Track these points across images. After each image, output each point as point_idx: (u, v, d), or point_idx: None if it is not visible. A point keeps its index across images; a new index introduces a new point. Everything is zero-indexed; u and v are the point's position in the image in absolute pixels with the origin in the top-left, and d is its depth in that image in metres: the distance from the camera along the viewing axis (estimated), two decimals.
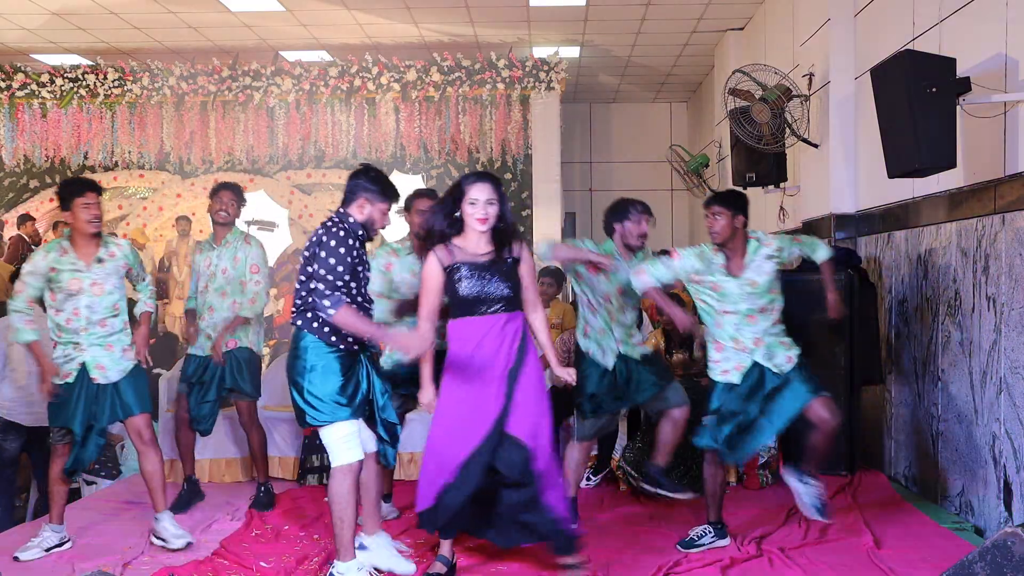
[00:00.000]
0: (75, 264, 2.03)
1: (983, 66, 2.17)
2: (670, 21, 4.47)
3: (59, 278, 2.01)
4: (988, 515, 2.18)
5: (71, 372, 2.04)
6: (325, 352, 1.74)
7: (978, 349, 2.24)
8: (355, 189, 1.77)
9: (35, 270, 2.01)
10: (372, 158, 5.32)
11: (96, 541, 2.20)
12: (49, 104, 5.20)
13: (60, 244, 2.04)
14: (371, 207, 1.76)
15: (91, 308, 2.04)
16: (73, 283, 2.01)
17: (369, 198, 1.76)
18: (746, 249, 2.03)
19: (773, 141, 3.22)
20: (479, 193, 1.73)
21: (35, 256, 2.03)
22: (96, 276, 2.04)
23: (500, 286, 1.74)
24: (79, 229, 2.03)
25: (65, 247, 2.04)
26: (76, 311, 2.03)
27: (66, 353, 2.04)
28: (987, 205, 2.18)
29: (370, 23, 4.58)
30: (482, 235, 1.76)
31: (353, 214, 1.77)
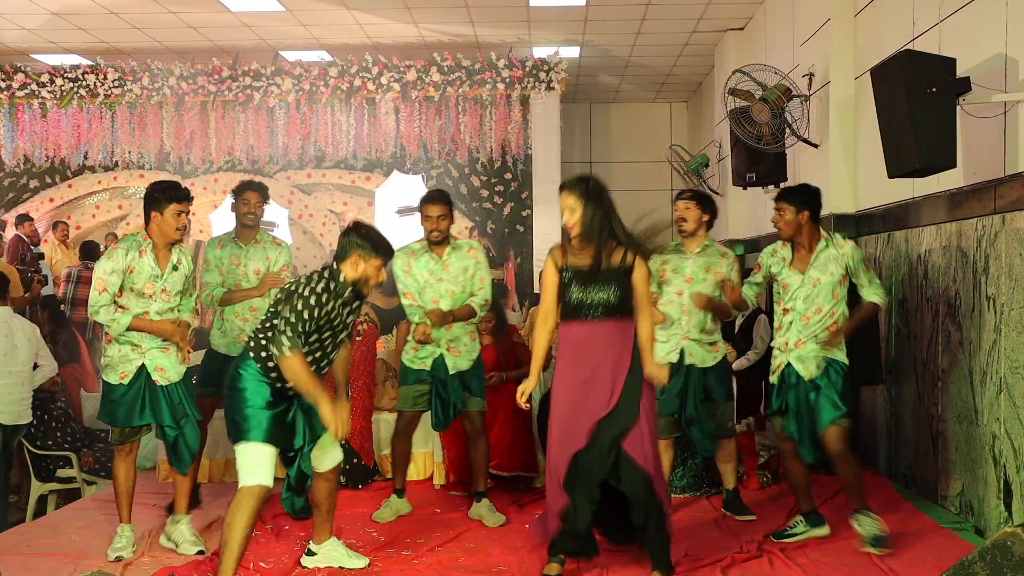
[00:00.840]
0: (153, 269, 2.03)
1: (983, 66, 2.17)
2: (670, 21, 4.47)
3: (134, 279, 2.01)
4: (988, 515, 2.18)
5: (128, 373, 2.03)
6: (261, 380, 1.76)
7: (978, 349, 2.24)
8: (347, 247, 1.78)
9: (116, 268, 1.99)
10: (372, 158, 5.34)
11: (97, 540, 2.19)
12: (49, 104, 5.20)
13: (139, 244, 2.03)
14: (364, 264, 1.78)
15: (158, 313, 2.04)
16: (148, 287, 2.02)
17: (362, 255, 1.78)
18: (815, 247, 2.06)
19: (773, 141, 3.22)
20: (561, 201, 1.81)
21: (115, 254, 2.00)
22: (168, 283, 2.06)
23: (602, 293, 1.77)
24: (166, 234, 2.03)
25: (144, 249, 2.03)
26: (145, 313, 2.03)
27: (123, 353, 2.03)
28: (987, 205, 2.19)
29: (370, 23, 4.58)
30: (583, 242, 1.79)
31: (346, 272, 1.78)
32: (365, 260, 1.78)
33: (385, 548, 2.13)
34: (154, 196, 2.05)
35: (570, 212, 1.79)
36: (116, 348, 2.04)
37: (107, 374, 2.05)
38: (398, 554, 2.09)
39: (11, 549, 2.14)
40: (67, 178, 5.58)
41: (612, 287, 1.78)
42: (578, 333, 1.79)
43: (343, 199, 5.63)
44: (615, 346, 1.77)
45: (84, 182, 5.59)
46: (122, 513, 2.08)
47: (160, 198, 2.04)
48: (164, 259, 2.06)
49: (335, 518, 2.09)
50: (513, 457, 2.63)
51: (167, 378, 2.08)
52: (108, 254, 2.04)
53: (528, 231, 5.33)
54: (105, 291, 2.00)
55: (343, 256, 1.79)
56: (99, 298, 2.00)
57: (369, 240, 1.79)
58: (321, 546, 1.95)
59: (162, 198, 2.03)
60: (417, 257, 2.30)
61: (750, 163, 3.48)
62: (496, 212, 5.44)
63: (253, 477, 1.74)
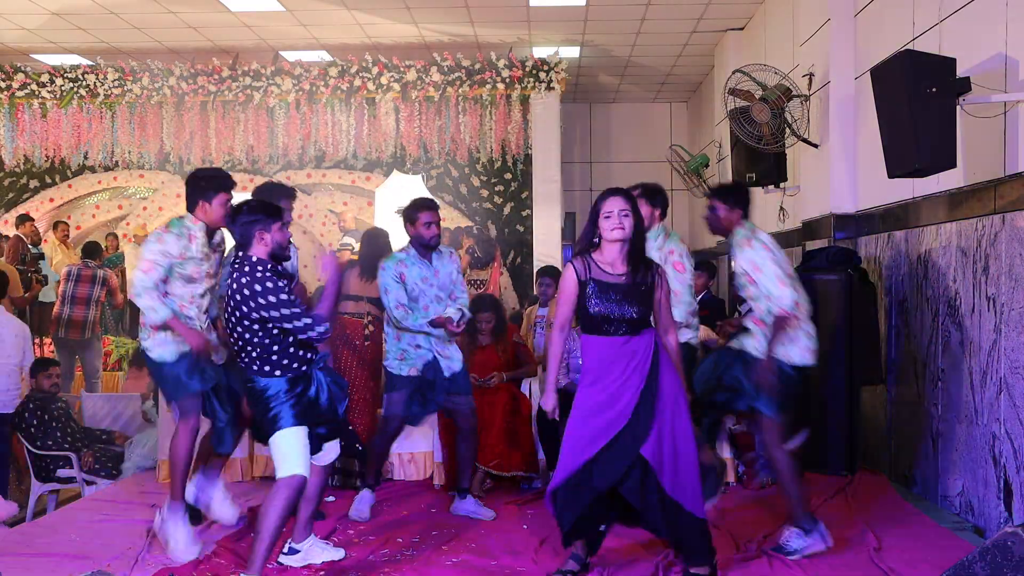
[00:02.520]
0: (202, 254, 2.03)
1: (983, 66, 2.17)
2: (670, 21, 4.47)
3: (184, 265, 2.00)
4: (988, 515, 2.18)
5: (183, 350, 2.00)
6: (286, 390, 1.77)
7: (978, 349, 2.23)
8: (246, 230, 1.77)
9: (168, 251, 1.97)
10: (372, 158, 5.33)
11: (96, 541, 2.19)
12: (49, 104, 5.20)
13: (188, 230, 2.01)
14: (268, 234, 1.78)
15: (201, 296, 2.04)
16: (195, 271, 2.01)
17: (262, 228, 1.77)
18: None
19: (773, 141, 3.22)
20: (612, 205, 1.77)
21: (167, 238, 1.98)
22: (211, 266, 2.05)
23: (627, 308, 1.75)
24: (213, 222, 2.03)
25: (194, 233, 2.01)
26: (192, 297, 2.02)
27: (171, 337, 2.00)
28: (987, 205, 2.18)
29: (370, 23, 4.58)
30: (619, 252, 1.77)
31: (257, 252, 1.78)
32: (267, 230, 1.77)
33: (383, 548, 2.13)
34: (200, 185, 2.03)
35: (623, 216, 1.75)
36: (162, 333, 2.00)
37: (159, 354, 2.00)
38: (398, 554, 2.08)
39: (11, 549, 2.14)
40: (67, 178, 5.58)
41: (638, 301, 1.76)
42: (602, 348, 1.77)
43: (343, 199, 5.63)
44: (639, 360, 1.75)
45: (84, 182, 5.59)
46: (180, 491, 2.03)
47: (207, 187, 2.01)
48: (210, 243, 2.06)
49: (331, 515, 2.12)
50: (513, 457, 2.63)
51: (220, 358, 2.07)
52: (158, 237, 2.00)
53: (528, 231, 5.31)
54: (152, 271, 1.95)
55: (247, 242, 1.77)
56: (144, 278, 1.95)
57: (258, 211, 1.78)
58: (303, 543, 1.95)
59: (209, 187, 2.01)
60: (408, 267, 2.30)
61: (750, 163, 3.48)
62: (496, 212, 5.43)
63: (290, 467, 1.74)
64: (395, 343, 2.33)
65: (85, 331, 4.12)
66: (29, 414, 2.93)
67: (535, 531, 2.24)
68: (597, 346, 1.78)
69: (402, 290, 2.28)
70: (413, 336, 2.30)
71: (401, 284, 2.28)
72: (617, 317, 1.75)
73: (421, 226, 2.28)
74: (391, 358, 2.34)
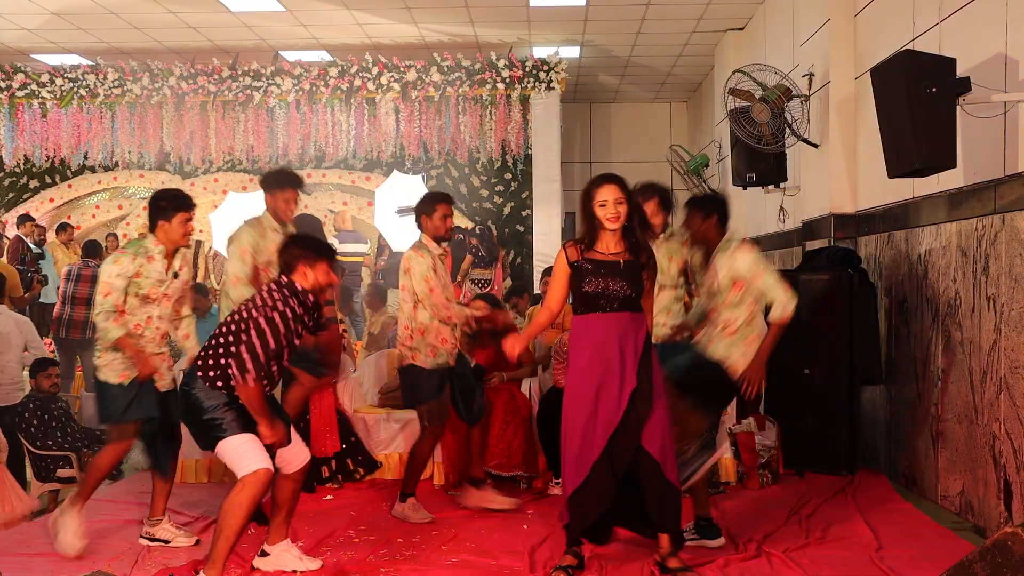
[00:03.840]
0: (160, 275, 2.05)
1: (983, 66, 2.17)
2: (670, 21, 4.47)
3: (140, 284, 2.02)
4: (988, 515, 2.18)
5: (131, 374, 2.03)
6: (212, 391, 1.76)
7: (978, 349, 2.23)
8: (291, 260, 1.81)
9: (123, 272, 2.00)
10: (372, 158, 5.33)
11: (96, 541, 2.18)
12: (49, 104, 5.20)
13: (147, 250, 2.04)
14: (312, 271, 1.80)
15: (159, 318, 2.07)
16: (153, 291, 2.04)
17: (308, 263, 1.80)
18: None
19: (773, 141, 3.21)
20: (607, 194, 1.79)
21: (123, 259, 2.02)
22: (170, 289, 2.08)
23: (623, 286, 1.78)
24: (174, 242, 2.06)
25: (153, 254, 2.04)
26: (148, 318, 2.05)
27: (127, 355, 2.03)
28: (987, 205, 2.18)
29: (370, 23, 4.58)
30: (613, 235, 1.81)
31: (298, 283, 1.81)
32: (311, 267, 1.80)
33: (382, 548, 2.13)
34: (160, 205, 2.07)
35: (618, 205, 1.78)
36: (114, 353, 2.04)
37: (106, 375, 2.05)
38: (397, 554, 2.08)
39: (11, 549, 2.14)
40: (67, 178, 5.57)
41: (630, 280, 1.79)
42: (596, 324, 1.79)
43: (343, 199, 5.63)
44: (631, 336, 1.78)
45: (84, 182, 5.59)
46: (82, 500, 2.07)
47: (167, 207, 2.06)
48: (169, 265, 2.09)
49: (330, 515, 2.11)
50: (513, 457, 2.63)
51: (164, 385, 2.10)
52: (115, 259, 2.04)
53: (528, 231, 5.31)
54: (110, 295, 2.00)
55: (289, 270, 1.81)
56: (103, 301, 2.00)
57: (310, 247, 1.81)
58: (275, 547, 1.95)
59: (169, 207, 2.05)
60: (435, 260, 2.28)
61: (750, 163, 3.47)
62: (496, 212, 5.43)
63: (252, 463, 1.74)
64: (421, 339, 2.28)
65: (85, 331, 4.11)
66: (29, 414, 2.93)
67: (535, 531, 2.24)
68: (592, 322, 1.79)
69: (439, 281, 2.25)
70: (438, 331, 2.27)
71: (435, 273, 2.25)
72: (612, 293, 1.78)
73: (439, 218, 2.26)
74: (422, 355, 2.27)
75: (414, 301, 2.27)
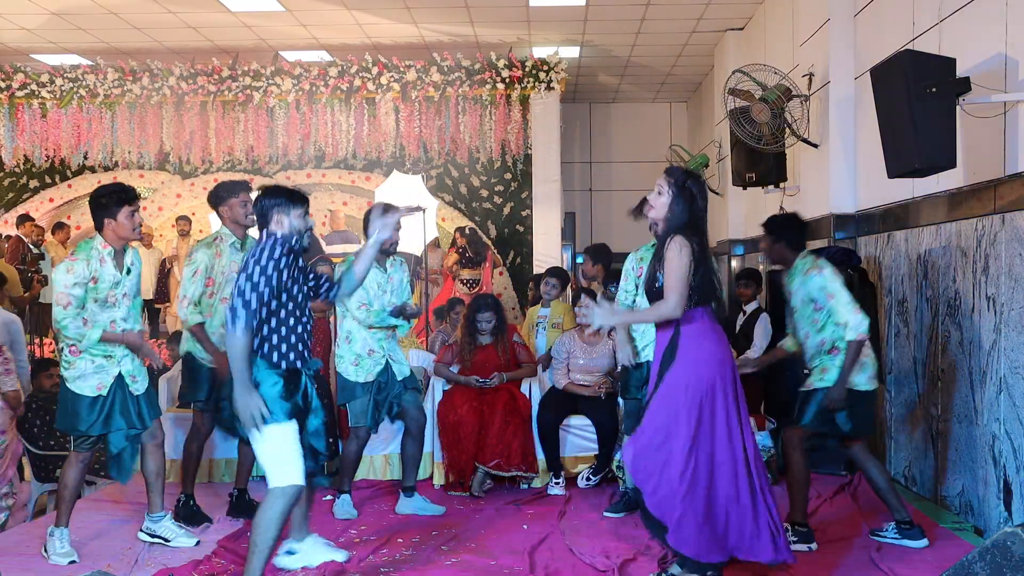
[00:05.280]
0: (115, 276, 1.99)
1: (983, 66, 2.17)
2: (670, 21, 4.47)
3: (98, 290, 1.96)
4: (988, 515, 2.18)
5: (105, 384, 1.99)
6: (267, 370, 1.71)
7: (978, 349, 2.23)
8: (265, 211, 1.76)
9: (79, 280, 1.92)
10: (372, 158, 5.32)
11: (96, 541, 2.19)
12: (49, 104, 5.19)
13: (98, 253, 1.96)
14: (287, 218, 1.76)
15: (124, 319, 2.02)
16: (111, 295, 1.98)
17: (282, 211, 1.76)
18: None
19: (773, 141, 3.21)
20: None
21: (75, 266, 1.93)
22: (127, 287, 2.02)
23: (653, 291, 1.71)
24: (123, 238, 1.99)
25: (104, 256, 1.97)
26: (112, 323, 2.00)
27: (98, 364, 1.99)
28: (987, 205, 2.18)
29: (370, 23, 4.58)
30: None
31: (275, 232, 1.76)
32: (286, 215, 1.74)
33: (383, 548, 2.12)
34: (102, 202, 1.98)
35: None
36: (88, 360, 1.99)
37: (78, 386, 1.99)
38: (397, 554, 2.08)
39: (11, 549, 2.14)
40: (67, 178, 5.57)
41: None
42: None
43: (343, 199, 5.63)
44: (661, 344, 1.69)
45: (84, 182, 5.58)
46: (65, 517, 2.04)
47: (110, 203, 1.97)
48: (122, 264, 2.01)
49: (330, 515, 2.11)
50: (512, 457, 2.63)
51: (138, 388, 2.07)
52: (67, 267, 1.94)
53: (528, 231, 5.30)
54: (70, 305, 1.93)
55: (265, 221, 1.76)
56: (65, 313, 1.93)
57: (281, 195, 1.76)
58: (303, 543, 1.92)
59: (111, 203, 1.97)
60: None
61: (750, 163, 3.47)
62: (496, 212, 5.43)
63: (287, 477, 1.69)
64: (347, 348, 2.31)
65: None
66: (32, 414, 2.92)
67: (535, 531, 2.24)
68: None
69: (363, 291, 2.27)
70: (366, 340, 2.30)
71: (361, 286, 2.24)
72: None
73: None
74: (345, 363, 2.32)
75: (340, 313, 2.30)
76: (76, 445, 2.04)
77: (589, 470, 2.73)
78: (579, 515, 2.38)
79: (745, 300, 3.21)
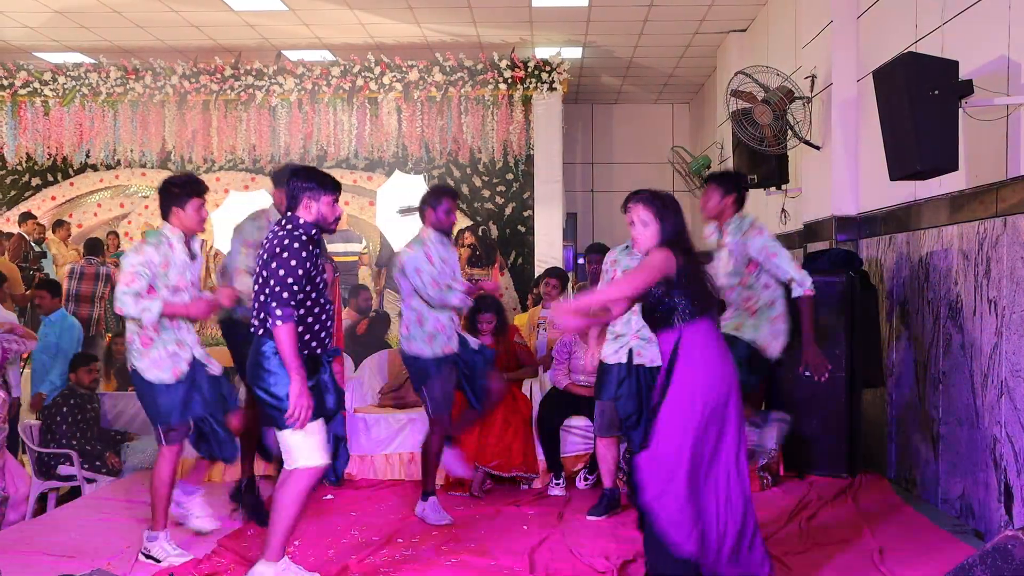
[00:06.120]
0: (184, 262, 2.01)
1: (986, 68, 2.17)
2: (673, 22, 4.46)
3: (169, 275, 1.97)
4: (988, 518, 2.17)
5: (182, 370, 1.98)
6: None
7: (979, 352, 2.23)
8: (295, 192, 1.75)
9: (147, 261, 1.94)
10: (374, 158, 5.32)
11: (96, 540, 2.19)
12: (51, 102, 5.19)
13: (168, 239, 1.99)
14: (316, 204, 1.75)
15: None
16: (180, 280, 1.99)
17: (312, 196, 1.75)
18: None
19: (775, 143, 3.21)
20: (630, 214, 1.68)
21: (145, 249, 1.97)
22: (193, 275, 2.04)
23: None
24: (189, 228, 2.02)
25: (173, 242, 2.00)
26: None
27: (172, 351, 1.98)
28: (989, 208, 2.18)
29: (373, 23, 4.58)
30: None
31: (302, 216, 1.75)
32: (315, 200, 1.74)
33: (382, 548, 2.12)
34: (173, 192, 2.01)
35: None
36: (161, 348, 1.97)
37: (155, 375, 1.97)
38: (397, 554, 2.08)
39: (11, 547, 2.13)
40: (69, 176, 5.56)
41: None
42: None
43: (344, 198, 5.57)
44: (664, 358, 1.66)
45: (86, 180, 5.58)
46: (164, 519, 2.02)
47: (180, 193, 2.00)
48: (189, 251, 2.04)
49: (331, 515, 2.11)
50: (513, 457, 2.63)
51: (217, 368, 2.06)
52: (137, 248, 1.99)
53: (529, 231, 5.30)
54: (132, 283, 1.93)
55: (294, 203, 1.74)
56: (126, 289, 1.93)
57: (314, 179, 1.75)
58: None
59: (182, 193, 2.00)
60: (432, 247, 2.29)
61: (752, 165, 3.46)
62: (497, 212, 5.43)
63: (311, 458, 1.70)
64: (418, 328, 2.26)
65: (90, 329, 4.11)
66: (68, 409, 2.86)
67: (535, 532, 2.24)
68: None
69: (433, 268, 2.26)
70: (437, 317, 2.26)
71: (431, 264, 2.25)
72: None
73: (442, 212, 2.29)
74: (418, 343, 2.24)
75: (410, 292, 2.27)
76: (166, 439, 2.00)
77: (585, 470, 2.73)
78: (579, 516, 2.38)
79: None
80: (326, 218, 1.76)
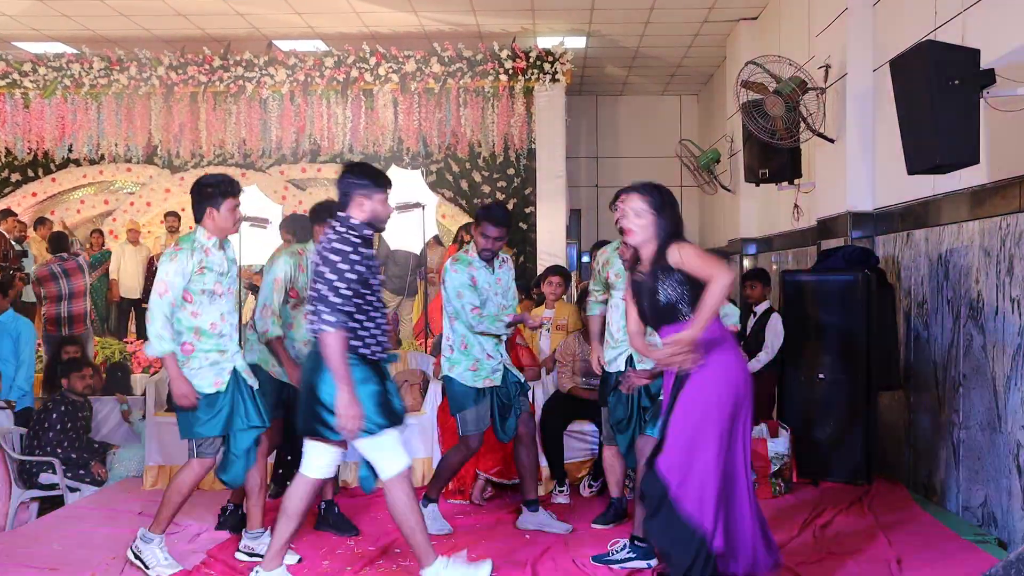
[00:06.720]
0: (221, 265, 1.92)
1: (1008, 57, 2.08)
2: (680, 10, 4.35)
3: (205, 280, 1.88)
4: (1012, 527, 2.11)
5: (224, 380, 1.90)
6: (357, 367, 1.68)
7: (1001, 353, 2.16)
8: (348, 189, 1.72)
9: (182, 270, 1.86)
10: (369, 152, 5.21)
11: (81, 550, 2.11)
12: (32, 94, 5.04)
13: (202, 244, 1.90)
14: (370, 202, 1.72)
15: (230, 313, 1.95)
16: (218, 286, 1.90)
17: (365, 193, 1.71)
18: None
19: (787, 136, 3.13)
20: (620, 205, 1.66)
21: (179, 255, 1.87)
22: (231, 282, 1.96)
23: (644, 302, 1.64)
24: (223, 230, 1.92)
25: (208, 247, 1.90)
26: (222, 316, 1.92)
27: (212, 360, 1.90)
28: (1012, 203, 2.10)
29: (368, 11, 4.45)
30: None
31: (354, 215, 1.72)
32: (369, 198, 1.71)
33: (380, 557, 2.06)
34: (207, 191, 1.91)
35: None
36: (203, 356, 1.89)
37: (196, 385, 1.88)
38: (395, 564, 2.02)
39: (11, 549, 2.07)
40: (51, 172, 5.43)
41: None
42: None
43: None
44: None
45: (68, 176, 5.45)
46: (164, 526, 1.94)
47: (215, 193, 1.90)
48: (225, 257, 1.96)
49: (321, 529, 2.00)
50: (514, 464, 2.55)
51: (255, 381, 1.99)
52: (171, 256, 1.89)
53: (531, 228, 5.22)
54: (167, 293, 1.85)
55: (346, 201, 1.71)
56: (160, 302, 1.85)
57: (368, 176, 1.72)
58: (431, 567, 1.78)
59: (216, 193, 1.90)
60: (478, 269, 2.21)
61: (763, 159, 3.41)
62: None
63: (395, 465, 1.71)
64: (462, 353, 2.19)
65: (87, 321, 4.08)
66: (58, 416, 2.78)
67: (537, 541, 2.18)
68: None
69: (475, 293, 2.17)
70: (483, 345, 2.19)
71: (474, 287, 2.16)
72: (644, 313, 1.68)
73: (479, 235, 2.19)
74: (460, 369, 2.19)
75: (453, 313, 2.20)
76: (199, 451, 1.92)
77: (589, 476, 2.67)
78: (583, 525, 2.32)
79: (754, 301, 3.12)
80: (380, 216, 1.74)
